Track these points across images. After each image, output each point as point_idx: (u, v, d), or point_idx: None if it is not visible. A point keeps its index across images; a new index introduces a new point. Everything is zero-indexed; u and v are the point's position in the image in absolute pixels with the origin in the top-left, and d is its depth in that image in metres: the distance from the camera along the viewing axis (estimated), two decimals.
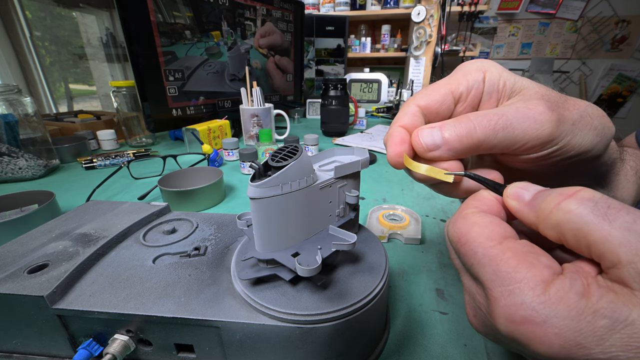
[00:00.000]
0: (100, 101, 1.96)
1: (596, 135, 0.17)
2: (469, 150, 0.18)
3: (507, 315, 0.13)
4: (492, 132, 0.17)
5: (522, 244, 0.14)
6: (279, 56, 1.07)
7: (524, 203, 0.15)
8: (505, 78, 0.19)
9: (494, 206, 0.17)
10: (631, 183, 0.24)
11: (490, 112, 0.17)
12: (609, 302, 0.12)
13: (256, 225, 0.21)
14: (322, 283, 0.22)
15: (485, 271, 0.14)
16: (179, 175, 0.54)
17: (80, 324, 0.22)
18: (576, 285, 0.12)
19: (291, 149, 0.21)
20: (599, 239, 0.12)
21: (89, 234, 0.29)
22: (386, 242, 0.41)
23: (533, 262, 0.13)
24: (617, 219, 0.12)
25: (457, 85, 0.19)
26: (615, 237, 0.12)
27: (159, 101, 0.76)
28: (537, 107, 0.16)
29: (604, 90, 2.54)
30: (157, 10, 0.71)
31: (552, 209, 0.14)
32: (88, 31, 1.82)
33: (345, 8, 2.15)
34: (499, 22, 2.51)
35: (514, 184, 0.16)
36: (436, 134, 0.18)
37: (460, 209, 0.17)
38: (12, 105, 0.60)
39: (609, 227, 0.12)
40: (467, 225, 0.15)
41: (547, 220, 0.14)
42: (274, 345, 0.21)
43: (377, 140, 0.89)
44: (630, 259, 0.11)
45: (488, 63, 0.20)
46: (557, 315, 0.12)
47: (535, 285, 0.13)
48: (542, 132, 0.16)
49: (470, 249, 0.15)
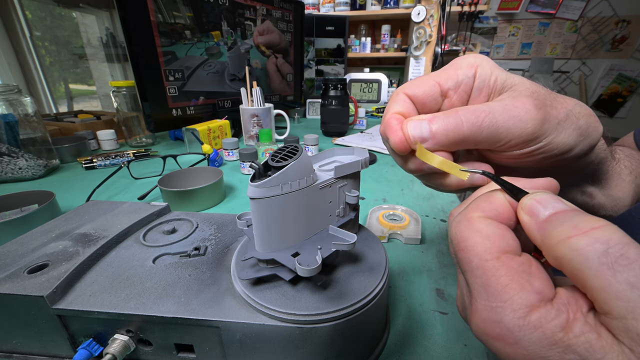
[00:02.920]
0: (100, 101, 1.96)
1: (579, 135, 0.18)
2: (454, 145, 0.18)
3: (483, 328, 0.14)
4: (478, 128, 0.17)
5: (519, 263, 0.14)
6: (282, 59, 1.07)
7: (535, 222, 0.14)
8: (497, 74, 0.19)
9: (505, 212, 0.15)
10: (627, 182, 0.24)
11: (479, 109, 0.17)
12: (587, 341, 0.12)
13: (256, 225, 0.21)
14: (322, 283, 0.22)
15: (476, 282, 0.14)
16: (179, 175, 0.54)
17: (80, 324, 0.22)
18: (560, 318, 0.12)
19: (291, 149, 0.21)
20: (596, 287, 0.12)
21: (89, 234, 0.29)
22: (386, 242, 0.41)
23: (524, 284, 0.13)
24: (625, 271, 0.11)
25: (447, 79, 0.20)
26: (615, 289, 0.11)
27: (159, 101, 0.76)
28: (524, 105, 0.17)
29: (604, 90, 2.54)
30: (157, 10, 0.71)
31: (560, 241, 0.13)
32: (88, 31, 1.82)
33: (345, 8, 2.15)
34: (499, 22, 2.51)
35: (534, 194, 0.15)
36: (424, 126, 0.18)
37: (469, 208, 0.16)
38: (12, 105, 0.60)
39: (612, 279, 0.11)
40: (470, 232, 0.15)
41: (551, 250, 0.13)
42: (274, 345, 0.21)
43: (377, 140, 0.89)
44: (622, 314, 0.11)
45: (481, 58, 0.20)
46: (530, 340, 0.13)
47: (518, 308, 0.13)
48: (526, 130, 0.16)
49: (467, 256, 0.15)
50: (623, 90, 2.49)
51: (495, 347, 0.14)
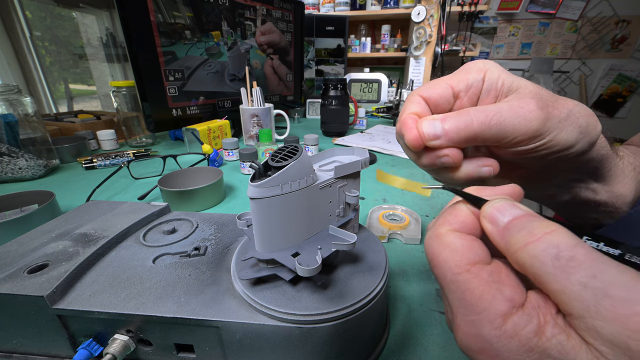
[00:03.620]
0: (100, 101, 1.96)
1: (580, 133, 0.19)
2: (465, 141, 0.19)
3: (467, 344, 0.15)
4: (487, 126, 0.18)
5: (489, 272, 0.14)
6: (278, 61, 1.07)
7: (497, 230, 0.15)
8: (504, 78, 0.21)
9: (470, 223, 0.16)
10: (629, 179, 0.25)
11: (488, 109, 0.19)
12: (559, 343, 0.12)
13: (256, 225, 0.21)
14: (322, 283, 0.22)
15: (453, 297, 0.15)
16: (179, 175, 0.54)
17: (80, 324, 0.22)
18: (532, 323, 0.13)
19: (291, 149, 0.21)
20: (556, 290, 0.12)
21: (89, 234, 0.29)
22: (386, 242, 0.41)
23: (495, 294, 0.14)
24: (576, 272, 0.12)
25: (458, 82, 0.21)
26: (571, 291, 0.12)
27: (159, 101, 0.76)
28: (529, 106, 0.18)
29: (604, 90, 2.54)
30: (157, 10, 0.71)
31: (519, 249, 0.13)
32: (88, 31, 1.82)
33: (345, 8, 2.15)
34: (499, 22, 2.51)
35: (493, 202, 0.16)
36: (437, 125, 0.19)
37: (437, 224, 0.17)
38: (12, 105, 0.60)
39: (566, 281, 0.12)
40: (440, 248, 0.16)
41: (514, 257, 0.14)
42: (274, 345, 0.21)
43: (377, 140, 0.89)
44: (581, 314, 0.12)
45: (489, 64, 0.21)
46: (509, 349, 0.13)
47: (494, 318, 0.13)
48: (530, 128, 0.18)
49: (441, 272, 0.15)
50: (623, 90, 2.49)
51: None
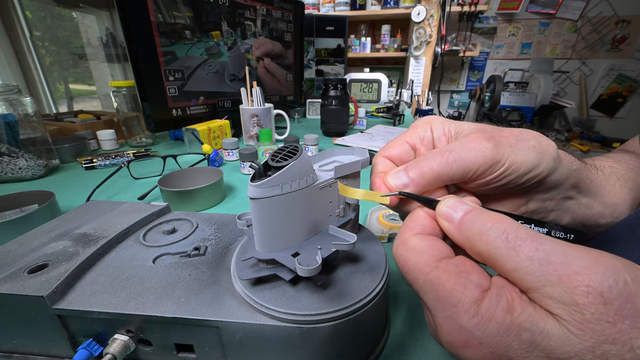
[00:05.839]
0: (100, 101, 1.96)
1: (537, 152, 0.19)
2: (434, 183, 0.20)
3: (451, 341, 0.15)
4: (447, 165, 0.19)
5: (455, 264, 0.15)
6: (267, 60, 1.07)
7: (453, 225, 0.16)
8: (447, 125, 0.23)
9: (429, 224, 0.17)
10: (618, 187, 0.25)
11: (442, 149, 0.20)
12: (529, 315, 0.13)
13: (256, 225, 0.21)
14: (322, 283, 0.22)
15: (429, 298, 0.15)
16: (179, 175, 0.54)
17: (80, 324, 0.22)
18: (502, 302, 0.14)
19: (291, 149, 0.21)
20: (511, 270, 0.13)
21: (89, 234, 0.29)
22: (386, 242, 0.41)
23: (465, 282, 0.14)
24: (523, 249, 0.13)
25: (412, 138, 0.23)
26: (523, 266, 0.13)
27: (159, 101, 0.76)
28: (477, 139, 0.19)
29: (604, 90, 2.54)
30: (157, 10, 0.71)
31: (475, 240, 0.15)
32: (88, 31, 1.82)
33: (345, 8, 2.15)
34: (499, 22, 2.51)
35: (445, 200, 0.17)
36: (402, 175, 0.20)
37: (401, 231, 0.18)
38: (12, 105, 0.60)
39: (518, 258, 0.13)
40: (407, 253, 0.16)
41: (472, 248, 0.15)
42: (274, 345, 0.21)
43: (377, 141, 0.89)
44: (535, 285, 0.13)
45: (432, 118, 0.24)
46: (490, 334, 0.13)
47: (469, 307, 0.14)
48: (485, 156, 0.19)
49: (413, 276, 0.16)
50: (623, 90, 2.49)
51: (467, 357, 0.14)
